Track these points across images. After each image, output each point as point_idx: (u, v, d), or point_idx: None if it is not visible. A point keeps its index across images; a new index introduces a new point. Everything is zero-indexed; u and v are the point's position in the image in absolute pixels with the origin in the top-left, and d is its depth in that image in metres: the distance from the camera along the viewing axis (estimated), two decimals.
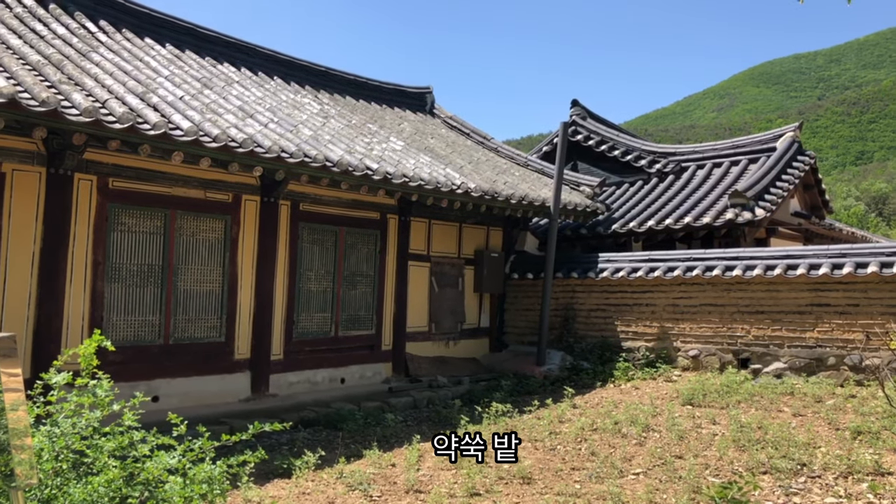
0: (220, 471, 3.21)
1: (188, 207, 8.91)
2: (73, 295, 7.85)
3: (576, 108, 17.40)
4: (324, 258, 10.72)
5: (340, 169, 8.97)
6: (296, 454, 6.78)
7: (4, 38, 7.75)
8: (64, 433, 3.08)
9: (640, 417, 8.19)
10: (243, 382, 9.41)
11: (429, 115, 17.11)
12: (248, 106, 9.91)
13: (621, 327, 12.37)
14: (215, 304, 9.21)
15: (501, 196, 11.47)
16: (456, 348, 12.92)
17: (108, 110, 6.99)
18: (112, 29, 10.57)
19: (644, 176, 16.03)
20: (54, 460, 3.00)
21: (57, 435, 3.07)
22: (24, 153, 7.45)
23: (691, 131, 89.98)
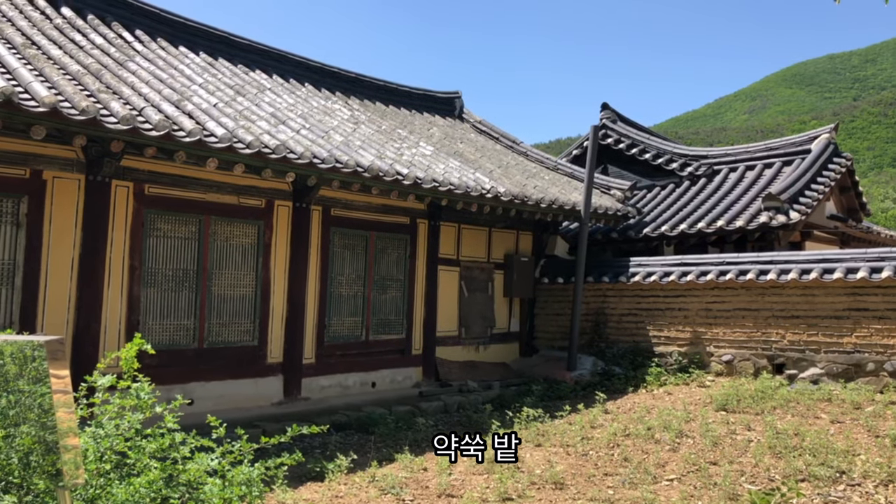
0: (257, 473, 3.25)
1: (222, 213, 9.04)
2: (110, 299, 8.00)
3: (606, 111, 17.30)
4: (354, 263, 10.79)
5: (371, 174, 9.03)
6: (328, 457, 6.83)
7: (46, 49, 7.94)
8: (108, 434, 3.16)
9: (674, 423, 8.10)
10: (276, 386, 9.50)
11: (458, 119, 17.14)
12: (280, 112, 10.02)
13: (653, 332, 12.26)
14: (248, 309, 9.32)
15: (531, 200, 11.44)
16: (486, 353, 12.90)
17: (144, 118, 7.13)
18: (148, 38, 10.78)
19: (675, 179, 15.88)
20: (98, 461, 3.07)
21: (101, 436, 3.14)
22: (65, 161, 7.63)
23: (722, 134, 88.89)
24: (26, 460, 2.79)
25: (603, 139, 16.53)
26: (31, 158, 7.39)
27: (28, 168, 7.40)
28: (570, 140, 71.17)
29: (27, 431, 2.75)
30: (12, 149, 7.23)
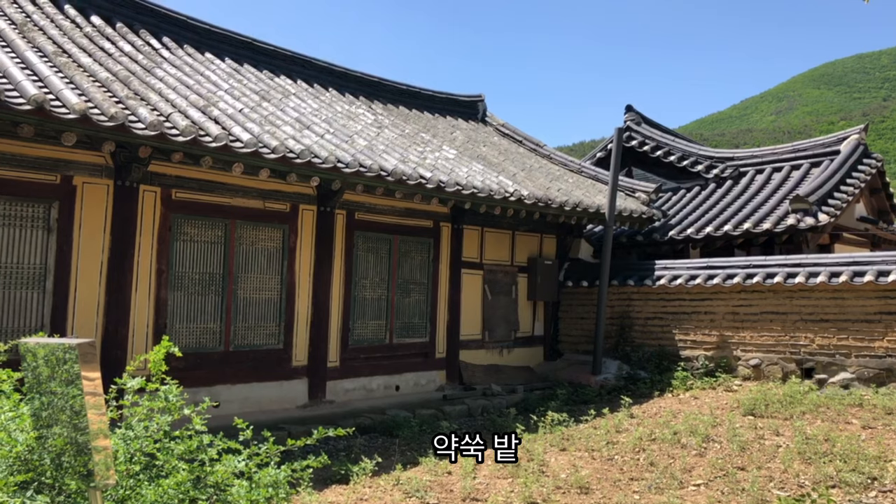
0: (284, 475, 3.28)
1: (248, 217, 9.12)
2: (138, 303, 8.11)
3: (630, 113, 17.20)
4: (378, 266, 10.82)
5: (395, 178, 9.06)
6: (353, 460, 6.85)
7: (76, 57, 8.08)
8: (137, 436, 3.20)
9: (700, 428, 8.01)
10: (301, 389, 9.56)
11: (481, 123, 17.15)
12: (304, 117, 10.10)
13: (679, 336, 12.14)
14: (274, 312, 9.39)
15: (555, 203, 11.41)
16: (510, 356, 12.87)
17: (171, 124, 7.23)
18: (174, 45, 10.92)
19: (701, 181, 15.73)
20: (128, 462, 3.11)
21: (131, 437, 3.19)
22: (94, 166, 7.75)
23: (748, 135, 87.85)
24: (58, 461, 2.84)
25: (627, 141, 16.44)
26: (61, 164, 7.52)
27: (59, 174, 7.53)
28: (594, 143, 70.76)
29: (59, 432, 2.79)
30: (44, 155, 7.37)
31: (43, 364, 2.89)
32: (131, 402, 3.45)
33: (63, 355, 2.86)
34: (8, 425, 3.07)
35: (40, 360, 2.90)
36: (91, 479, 2.49)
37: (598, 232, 14.84)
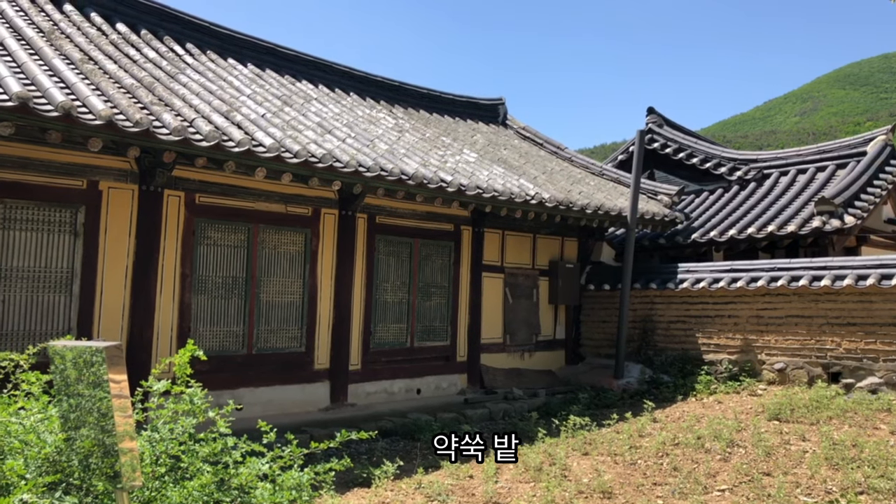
0: (307, 478, 3.29)
1: (270, 221, 9.19)
2: (162, 306, 8.20)
3: (652, 115, 17.09)
4: (399, 270, 10.85)
5: (415, 182, 9.08)
6: (375, 463, 6.86)
7: (102, 64, 8.19)
8: (163, 438, 3.23)
9: (724, 432, 7.93)
10: (322, 392, 9.60)
11: (501, 126, 17.13)
12: (326, 122, 10.16)
13: (702, 339, 12.03)
14: (296, 315, 9.45)
15: (576, 206, 11.36)
16: (531, 360, 12.83)
17: (195, 129, 7.31)
18: (198, 51, 11.05)
19: (724, 184, 15.58)
20: (154, 464, 3.14)
21: (157, 440, 3.22)
22: (119, 172, 7.86)
23: (772, 137, 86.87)
24: (86, 462, 2.87)
25: (649, 144, 16.34)
26: (87, 170, 7.63)
27: (85, 179, 7.64)
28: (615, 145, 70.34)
29: (87, 434, 2.83)
30: (71, 161, 7.48)
31: (71, 366, 2.93)
32: (157, 404, 3.49)
33: (90, 358, 2.90)
34: (37, 427, 3.12)
35: (68, 363, 2.94)
36: (118, 481, 2.51)
37: (620, 235, 14.76)
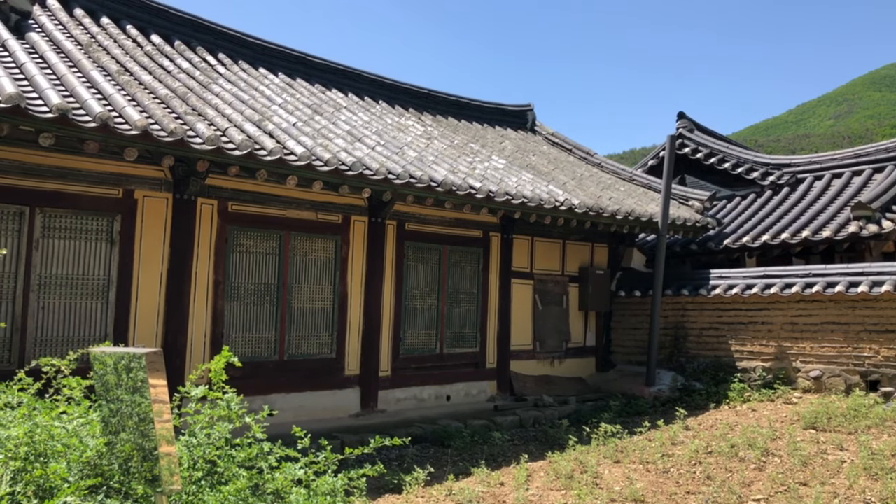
0: (341, 483, 3.31)
1: (301, 229, 9.28)
2: (196, 313, 8.31)
3: (682, 120, 16.93)
4: (428, 276, 10.87)
5: (444, 188, 9.10)
6: (406, 470, 6.88)
7: (137, 75, 8.36)
8: (200, 443, 3.28)
9: (759, 441, 7.81)
10: (353, 398, 9.65)
11: (530, 132, 17.11)
12: (356, 130, 10.24)
13: (735, 346, 11.87)
14: (326, 322, 9.52)
15: (606, 212, 11.29)
16: (561, 367, 12.76)
17: (228, 138, 7.41)
18: (230, 61, 11.21)
19: (756, 189, 15.38)
20: (192, 468, 3.19)
21: (194, 445, 3.27)
22: (154, 180, 8.00)
23: (805, 141, 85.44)
24: (126, 466, 2.93)
25: (680, 149, 16.19)
26: (123, 179, 7.78)
27: (121, 188, 7.79)
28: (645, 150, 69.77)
29: (126, 438, 2.89)
30: (107, 170, 7.64)
31: (111, 372, 3.00)
32: (194, 410, 3.55)
33: (128, 363, 2.95)
34: (79, 431, 3.19)
35: (108, 369, 3.00)
36: (157, 484, 2.56)
37: (652, 241, 14.64)
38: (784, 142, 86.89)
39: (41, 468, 2.78)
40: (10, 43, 7.39)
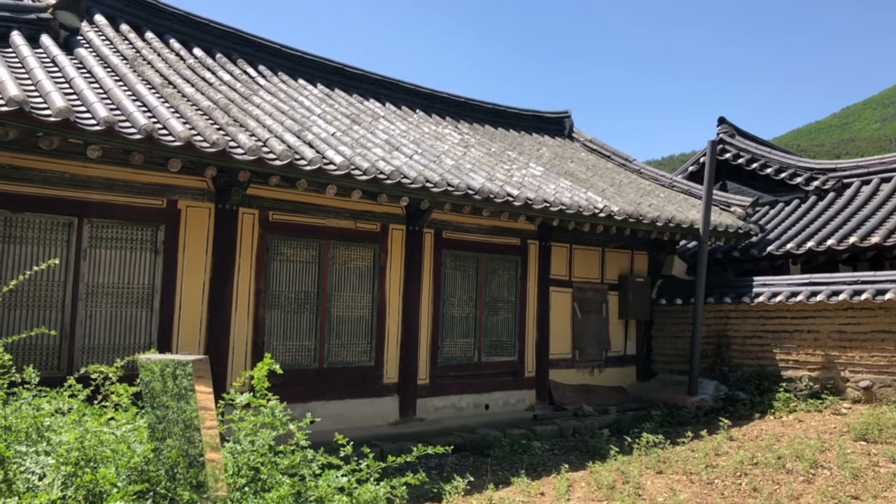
0: (384, 492, 3.31)
1: (340, 237, 9.35)
2: (237, 321, 8.42)
3: (723, 125, 16.68)
4: (466, 284, 10.86)
5: (482, 196, 9.09)
6: (445, 478, 6.86)
7: (180, 88, 8.53)
8: (244, 450, 3.31)
9: (807, 452, 7.61)
10: (391, 406, 9.66)
11: (567, 139, 17.02)
12: (393, 139, 10.30)
13: (780, 355, 11.60)
14: (365, 330, 9.56)
15: (646, 219, 11.16)
16: (601, 376, 12.61)
17: (269, 148, 7.51)
18: (270, 72, 11.38)
19: (800, 194, 15.05)
20: (236, 475, 3.22)
21: (238, 451, 3.30)
22: (197, 191, 8.14)
23: (851, 145, 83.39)
24: (172, 472, 2.97)
25: (720, 154, 15.94)
26: (167, 189, 7.93)
27: (165, 198, 7.95)
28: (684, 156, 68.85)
29: (172, 445, 2.93)
30: (151, 181, 7.80)
31: (157, 379, 3.04)
32: (239, 416, 3.58)
33: (174, 370, 3.00)
34: (127, 437, 3.24)
35: (155, 375, 3.05)
36: (203, 491, 2.59)
37: (693, 248, 14.41)
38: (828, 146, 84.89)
39: (91, 473, 2.84)
40: (59, 58, 7.60)
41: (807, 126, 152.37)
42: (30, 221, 7.15)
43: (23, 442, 3.09)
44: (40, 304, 7.18)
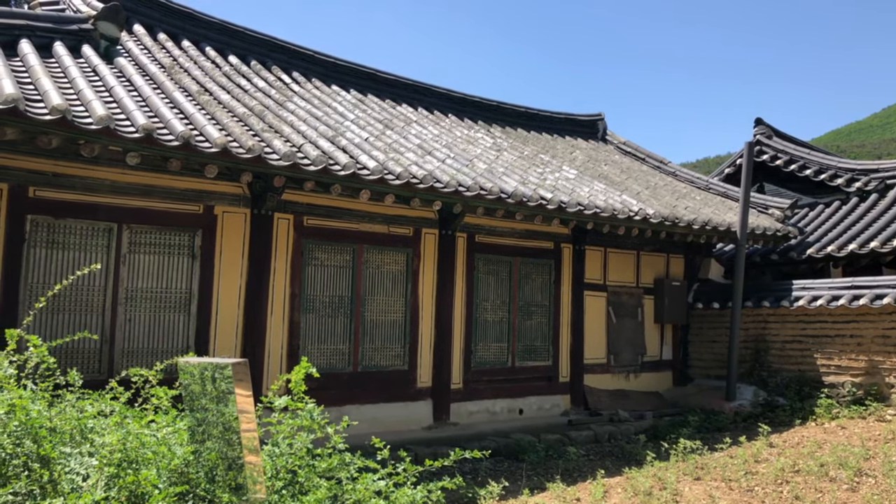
0: (421, 496, 3.31)
1: (373, 242, 9.39)
2: (273, 325, 8.50)
3: (760, 126, 16.39)
4: (499, 288, 10.82)
5: (515, 200, 9.06)
6: (480, 483, 6.83)
7: (216, 94, 8.65)
8: (282, 453, 3.33)
9: (851, 460, 7.42)
10: (425, 410, 9.66)
11: (601, 141, 16.89)
12: (426, 144, 10.32)
13: (821, 360, 11.34)
14: (399, 334, 9.58)
15: (682, 222, 11.01)
16: (637, 381, 12.47)
17: (303, 154, 7.57)
18: (303, 79, 11.49)
19: (841, 196, 14.72)
20: (274, 478, 3.24)
21: (277, 454, 3.32)
22: (233, 196, 8.24)
23: (893, 145, 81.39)
24: (211, 474, 3.00)
25: (758, 156, 15.67)
26: (204, 195, 8.05)
27: (201, 204, 8.06)
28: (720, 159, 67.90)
29: (212, 447, 2.96)
30: (188, 187, 7.91)
31: (196, 382, 3.08)
32: (277, 420, 3.61)
33: (213, 374, 3.03)
34: (168, 439, 3.28)
35: (195, 379, 3.08)
36: (242, 493, 2.60)
37: (730, 251, 14.19)
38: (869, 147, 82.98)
39: (133, 474, 2.88)
40: (100, 68, 7.76)
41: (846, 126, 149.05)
42: (72, 227, 7.31)
43: (67, 443, 3.15)
44: (82, 309, 7.32)
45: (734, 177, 15.63)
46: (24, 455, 2.95)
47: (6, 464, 2.93)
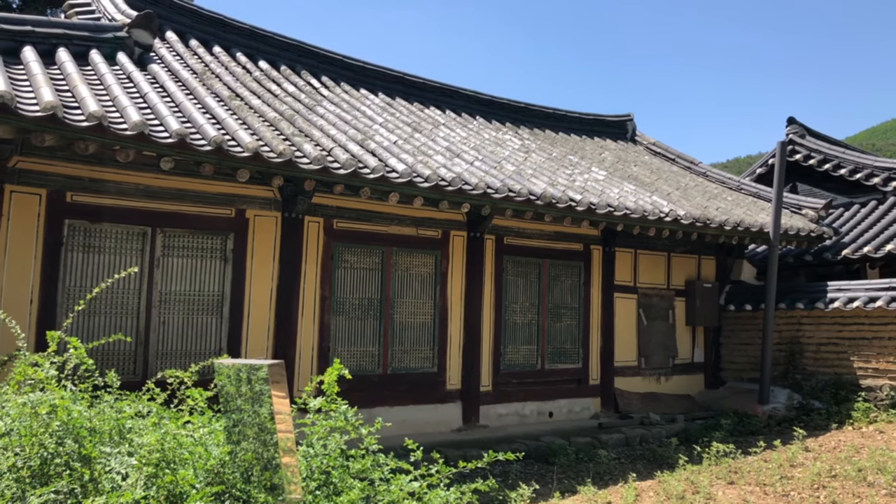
0: (454, 497, 3.31)
1: (402, 244, 9.43)
2: (303, 327, 8.57)
3: (792, 125, 16.14)
4: (528, 290, 10.79)
5: (544, 202, 9.03)
6: (510, 486, 6.81)
7: (247, 100, 8.75)
8: (317, 454, 3.36)
9: (890, 465, 7.27)
10: (455, 413, 9.67)
11: (630, 142, 16.76)
12: (454, 146, 10.33)
13: (858, 363, 11.13)
14: (428, 336, 9.60)
15: (714, 223, 10.88)
16: (668, 384, 12.34)
17: (333, 158, 7.64)
18: (332, 83, 11.58)
19: (878, 195, 14.43)
20: (309, 479, 3.27)
21: (311, 455, 3.35)
22: (264, 200, 8.33)
23: None
24: (247, 475, 3.03)
25: (790, 155, 15.43)
26: (235, 199, 8.15)
27: (233, 208, 8.16)
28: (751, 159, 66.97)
29: (247, 448, 2.99)
30: (220, 191, 8.02)
31: (232, 383, 3.12)
32: (311, 421, 3.64)
33: (248, 375, 3.06)
34: (204, 439, 3.33)
35: (230, 380, 3.12)
36: (278, 493, 2.63)
37: (762, 252, 13.98)
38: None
39: (171, 474, 2.92)
40: (134, 74, 7.90)
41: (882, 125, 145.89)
42: (107, 231, 7.44)
43: (107, 443, 3.21)
44: (117, 311, 7.46)
45: (766, 177, 15.42)
46: (65, 454, 3.02)
47: (48, 463, 3.00)
